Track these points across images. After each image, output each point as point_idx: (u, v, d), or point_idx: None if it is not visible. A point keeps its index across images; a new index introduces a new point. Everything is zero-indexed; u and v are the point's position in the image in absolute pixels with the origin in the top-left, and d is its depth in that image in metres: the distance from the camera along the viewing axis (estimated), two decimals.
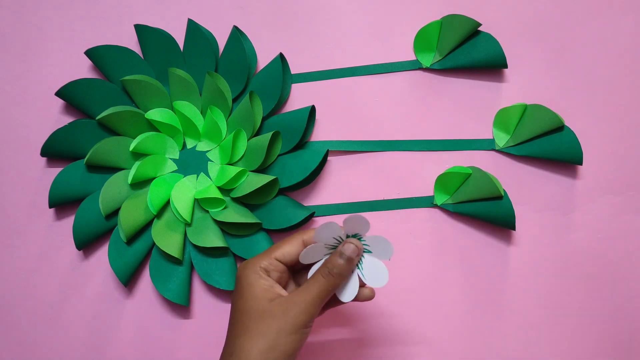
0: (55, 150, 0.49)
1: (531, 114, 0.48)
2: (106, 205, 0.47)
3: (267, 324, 0.35)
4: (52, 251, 0.50)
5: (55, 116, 0.51)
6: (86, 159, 0.47)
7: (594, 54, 0.51)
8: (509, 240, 0.50)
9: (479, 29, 0.50)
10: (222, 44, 0.51)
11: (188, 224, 0.48)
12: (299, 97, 0.51)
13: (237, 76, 0.49)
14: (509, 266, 0.49)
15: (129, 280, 0.48)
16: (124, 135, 0.49)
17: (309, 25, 0.52)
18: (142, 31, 0.50)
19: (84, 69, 0.52)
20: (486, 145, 0.50)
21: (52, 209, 0.51)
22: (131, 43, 0.51)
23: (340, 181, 0.50)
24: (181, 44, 0.50)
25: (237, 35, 0.49)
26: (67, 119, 0.51)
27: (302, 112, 0.48)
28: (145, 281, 0.50)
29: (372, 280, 0.38)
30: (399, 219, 0.50)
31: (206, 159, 0.50)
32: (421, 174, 0.50)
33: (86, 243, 0.48)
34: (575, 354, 0.48)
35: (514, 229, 0.47)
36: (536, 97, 0.50)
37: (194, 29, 0.49)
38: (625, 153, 0.50)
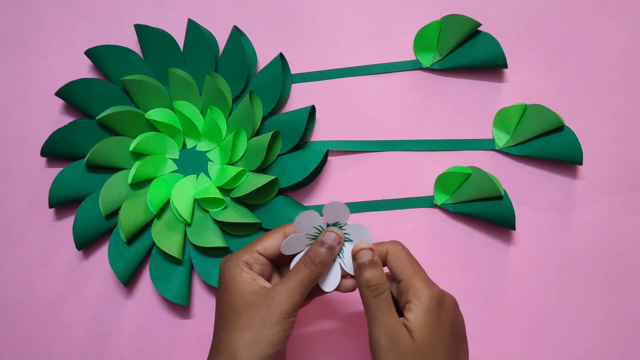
0: (55, 150, 0.49)
1: (531, 114, 0.48)
2: (106, 205, 0.47)
3: (251, 315, 0.35)
4: (52, 251, 0.50)
5: (55, 116, 0.51)
6: (86, 159, 0.47)
7: (594, 54, 0.51)
8: (509, 240, 0.49)
9: (479, 29, 0.49)
10: (222, 44, 0.51)
11: (188, 224, 0.48)
12: (299, 97, 0.51)
13: (237, 76, 0.49)
14: (509, 266, 0.49)
15: (129, 280, 0.48)
16: (124, 135, 0.49)
17: (309, 25, 0.52)
18: (142, 31, 0.50)
19: (84, 69, 0.52)
20: (486, 145, 0.50)
21: (52, 209, 0.51)
22: (131, 43, 0.51)
23: (340, 181, 0.50)
24: (181, 44, 0.50)
25: (237, 35, 0.49)
26: (67, 119, 0.51)
27: (302, 112, 0.48)
28: (145, 281, 0.50)
29: (352, 268, 0.38)
30: (399, 219, 0.50)
31: (206, 159, 0.50)
32: (421, 174, 0.50)
33: (86, 243, 0.48)
34: (575, 354, 0.48)
35: (514, 229, 0.47)
36: (536, 97, 0.50)
37: (194, 29, 0.49)
38: (625, 153, 0.50)
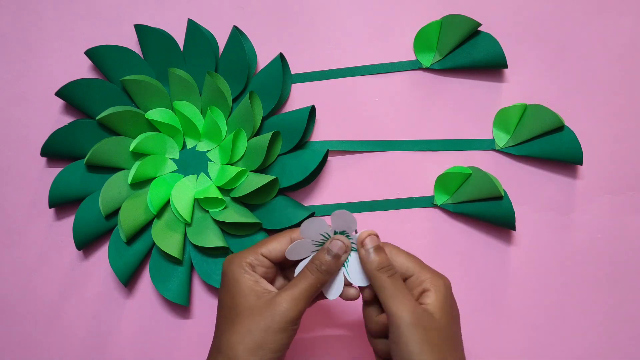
0: (55, 150, 0.49)
1: (531, 114, 0.48)
2: (106, 205, 0.47)
3: (255, 320, 0.35)
4: (52, 251, 0.50)
5: (55, 116, 0.51)
6: (86, 159, 0.47)
7: (594, 54, 0.51)
8: (509, 240, 0.49)
9: (479, 29, 0.49)
10: (222, 44, 0.51)
11: (188, 224, 0.48)
12: (299, 97, 0.51)
13: (237, 76, 0.49)
14: (509, 266, 0.49)
15: (129, 280, 0.48)
16: (124, 135, 0.49)
17: (309, 25, 0.52)
18: (142, 31, 0.50)
19: (84, 69, 0.52)
20: (486, 145, 0.50)
21: (52, 209, 0.51)
22: (131, 43, 0.51)
23: (340, 181, 0.50)
24: (181, 44, 0.50)
25: (237, 35, 0.49)
26: (67, 119, 0.51)
27: (302, 112, 0.48)
28: (145, 281, 0.50)
29: (356, 278, 0.38)
30: (399, 219, 0.50)
31: (206, 159, 0.50)
32: (421, 174, 0.50)
33: (86, 243, 0.48)
34: (575, 354, 0.48)
35: (514, 229, 0.47)
36: (536, 97, 0.50)
37: (194, 29, 0.49)
38: (625, 153, 0.50)
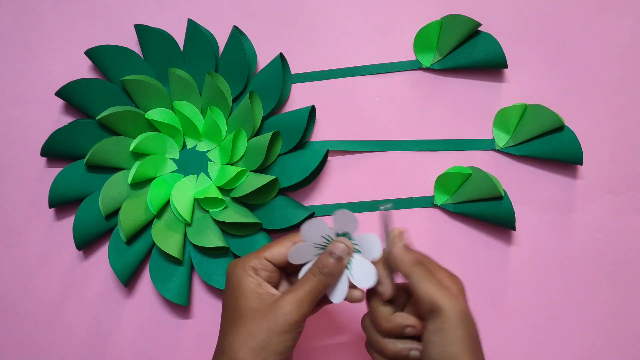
0: (55, 150, 0.49)
1: (531, 114, 0.48)
2: (106, 205, 0.47)
3: (258, 323, 0.35)
4: (52, 251, 0.50)
5: (55, 116, 0.51)
6: (86, 159, 0.47)
7: (594, 54, 0.51)
8: (509, 240, 0.49)
9: (479, 29, 0.49)
10: (222, 44, 0.51)
11: (188, 224, 0.48)
12: (299, 97, 0.51)
13: (237, 76, 0.49)
14: (509, 266, 0.49)
15: (129, 280, 0.48)
16: (124, 135, 0.49)
17: (309, 25, 0.52)
18: (142, 31, 0.50)
19: (84, 69, 0.52)
20: (486, 145, 0.50)
21: (52, 209, 0.51)
22: (131, 43, 0.51)
23: (340, 181, 0.50)
24: (181, 44, 0.50)
25: (237, 35, 0.49)
26: (67, 119, 0.51)
27: (302, 112, 0.48)
28: (145, 281, 0.50)
29: (359, 280, 0.38)
30: (399, 219, 0.50)
31: (206, 159, 0.50)
32: (421, 174, 0.50)
33: (86, 243, 0.48)
34: (575, 354, 0.48)
35: (514, 229, 0.47)
36: (536, 97, 0.50)
37: (194, 29, 0.49)
38: (625, 153, 0.50)
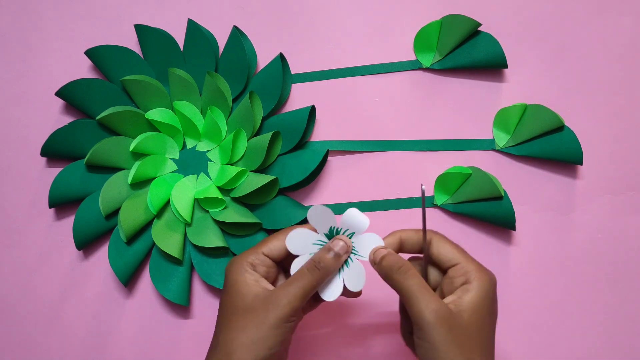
0: (55, 150, 0.49)
1: (531, 114, 0.48)
2: (106, 205, 0.47)
3: (250, 318, 0.35)
4: (52, 251, 0.50)
5: (55, 116, 0.51)
6: (86, 159, 0.47)
7: (594, 54, 0.51)
8: (509, 240, 0.49)
9: (479, 29, 0.49)
10: (222, 44, 0.51)
11: (188, 224, 0.48)
12: (299, 97, 0.51)
13: (237, 76, 0.49)
14: (509, 266, 0.49)
15: (129, 280, 0.48)
16: (124, 135, 0.49)
17: (309, 25, 0.52)
18: (142, 31, 0.50)
19: (84, 69, 0.52)
20: (486, 145, 0.50)
21: (52, 209, 0.51)
22: (131, 43, 0.51)
23: (340, 181, 0.50)
24: (181, 44, 0.50)
25: (237, 35, 0.49)
26: (67, 119, 0.51)
27: (302, 112, 0.48)
28: (145, 281, 0.50)
29: (350, 282, 0.38)
30: (399, 219, 0.50)
31: (206, 159, 0.50)
32: (421, 174, 0.50)
33: (86, 243, 0.48)
34: (575, 354, 0.48)
35: (514, 229, 0.47)
36: (536, 97, 0.50)
37: (194, 29, 0.49)
38: (625, 153, 0.50)
